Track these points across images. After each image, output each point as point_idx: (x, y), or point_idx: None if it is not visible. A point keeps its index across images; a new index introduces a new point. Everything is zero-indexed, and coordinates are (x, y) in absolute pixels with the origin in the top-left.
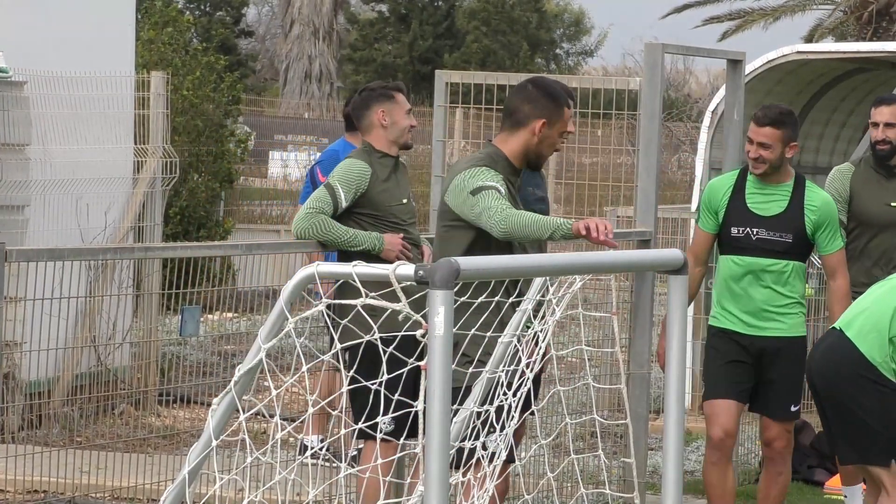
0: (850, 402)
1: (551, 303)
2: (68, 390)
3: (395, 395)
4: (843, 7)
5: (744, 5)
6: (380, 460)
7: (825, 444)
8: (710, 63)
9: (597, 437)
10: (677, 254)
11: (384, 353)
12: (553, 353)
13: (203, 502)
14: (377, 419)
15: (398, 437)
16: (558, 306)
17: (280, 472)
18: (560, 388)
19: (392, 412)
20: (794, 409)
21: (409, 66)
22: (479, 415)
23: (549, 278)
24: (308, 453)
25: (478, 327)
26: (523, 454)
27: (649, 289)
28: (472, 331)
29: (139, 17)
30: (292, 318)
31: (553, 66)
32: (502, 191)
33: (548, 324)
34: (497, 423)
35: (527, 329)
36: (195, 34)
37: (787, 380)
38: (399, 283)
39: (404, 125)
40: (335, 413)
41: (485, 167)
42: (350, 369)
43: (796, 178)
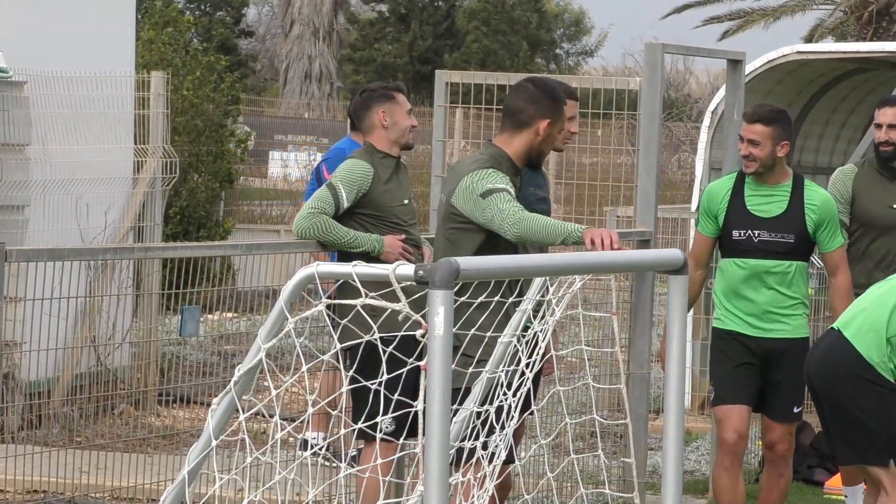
0: (848, 403)
1: (551, 303)
2: (68, 390)
3: (397, 396)
4: (844, 7)
5: (744, 5)
6: (379, 460)
7: (825, 444)
8: (710, 63)
9: (597, 437)
10: (677, 254)
11: (384, 353)
12: (553, 353)
13: (203, 502)
14: (378, 419)
15: (399, 438)
16: (558, 306)
17: (280, 472)
18: (560, 388)
19: (393, 412)
20: (796, 410)
21: (409, 66)
22: (479, 415)
23: (548, 278)
24: (309, 452)
25: (480, 327)
26: (523, 454)
27: (649, 289)
28: (472, 330)
29: (139, 17)
30: (292, 318)
31: (553, 66)
32: (512, 192)
33: (548, 324)
34: (497, 424)
35: (526, 329)
36: (195, 34)
37: (791, 381)
38: (399, 284)
39: (405, 125)
40: (335, 413)
41: (491, 168)
42: (352, 370)
43: (794, 178)
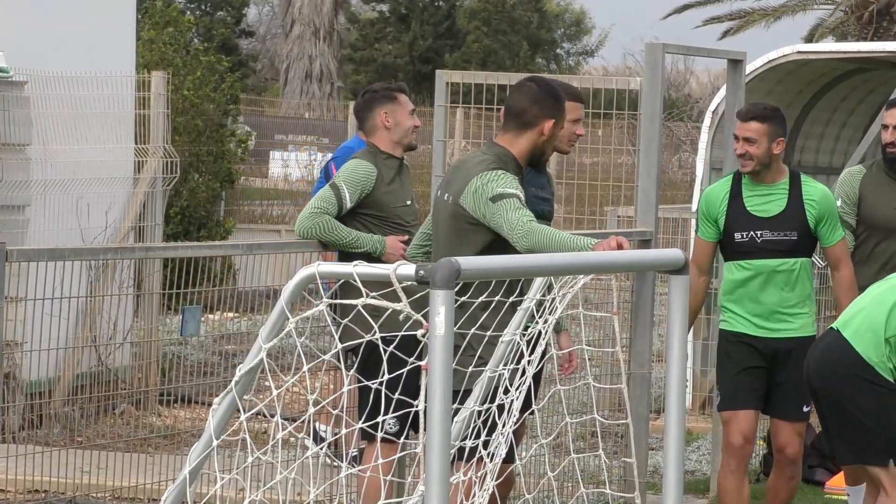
0: (848, 403)
1: (552, 302)
2: (69, 390)
3: (400, 396)
4: (844, 7)
5: (744, 5)
6: (380, 460)
7: (825, 444)
8: (710, 63)
9: (597, 437)
10: (678, 254)
11: (386, 352)
12: (553, 353)
13: (204, 502)
14: (381, 419)
15: (402, 438)
16: (559, 305)
17: (281, 472)
18: (560, 388)
19: (397, 412)
20: (805, 409)
21: (409, 66)
22: (480, 414)
23: (550, 278)
24: (312, 449)
25: (486, 327)
26: (524, 454)
27: (650, 289)
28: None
29: (139, 17)
30: (293, 317)
31: (553, 66)
32: (522, 198)
33: (549, 323)
34: (498, 422)
35: (526, 329)
36: (196, 34)
37: (799, 380)
38: (400, 283)
39: (408, 126)
40: (335, 412)
41: (500, 170)
42: (355, 370)
43: (791, 175)
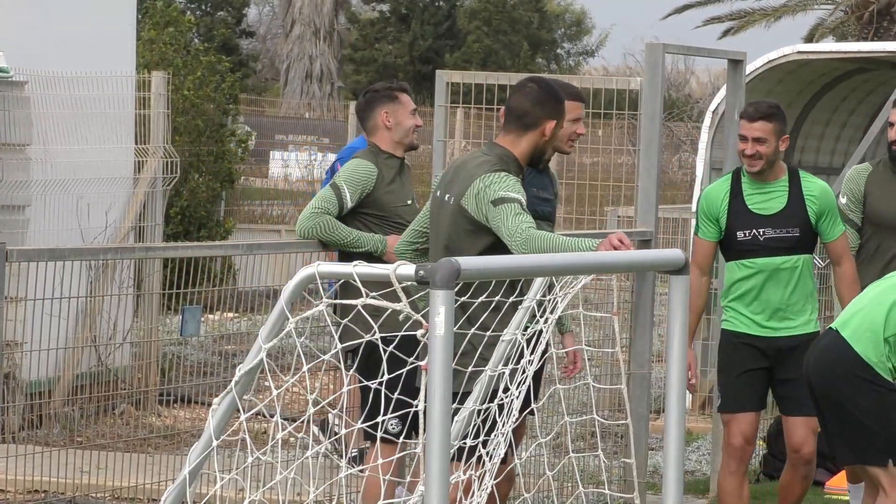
0: (847, 403)
1: (553, 302)
2: (69, 390)
3: (403, 396)
4: (844, 7)
5: (744, 5)
6: (380, 460)
7: (825, 445)
8: (710, 63)
9: (597, 437)
10: (678, 254)
11: (384, 352)
12: (553, 352)
13: (204, 502)
14: (384, 419)
15: (404, 439)
16: (560, 304)
17: (281, 472)
18: (559, 388)
19: (400, 413)
20: None
21: (409, 66)
22: (480, 413)
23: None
24: (321, 443)
25: (483, 325)
26: (523, 454)
27: (650, 289)
28: (473, 329)
29: (140, 17)
30: (293, 318)
31: (554, 66)
32: (524, 202)
33: (549, 322)
34: (498, 420)
35: (526, 329)
36: (196, 34)
37: None
38: (399, 283)
39: (409, 126)
40: (335, 412)
41: (503, 172)
42: (357, 371)
43: (790, 172)
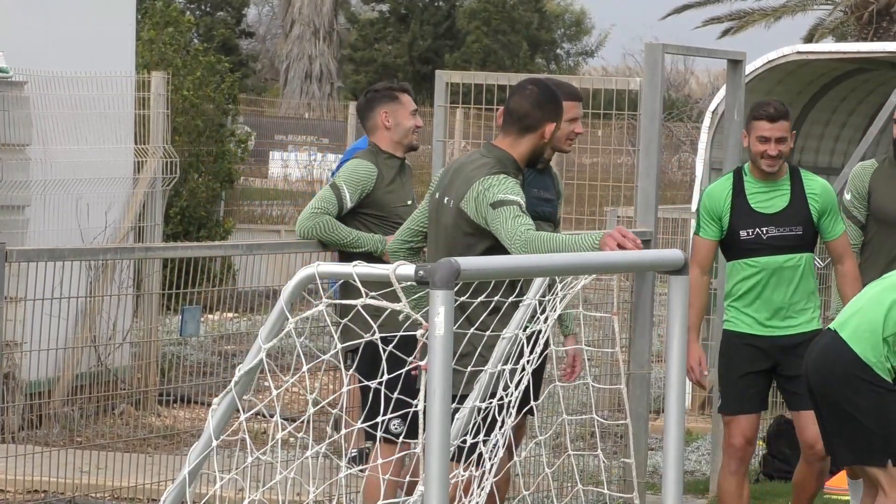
0: (846, 404)
1: (552, 301)
2: (68, 390)
3: (405, 397)
4: (844, 7)
5: (744, 6)
6: (380, 460)
7: (824, 444)
8: (710, 63)
9: (597, 437)
10: (677, 254)
11: (384, 352)
12: (553, 349)
13: (203, 502)
14: (386, 420)
15: (406, 439)
16: (559, 304)
17: (280, 472)
18: (559, 385)
19: (401, 413)
20: None
21: (409, 67)
22: (480, 411)
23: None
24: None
25: (483, 324)
26: (523, 454)
27: (649, 289)
28: (472, 329)
29: (139, 17)
30: (292, 318)
31: (553, 66)
32: (523, 204)
33: (548, 322)
34: (498, 419)
35: (525, 329)
36: (196, 34)
37: None
38: (399, 284)
39: (408, 126)
40: (335, 411)
41: (503, 175)
42: (359, 371)
43: (791, 170)
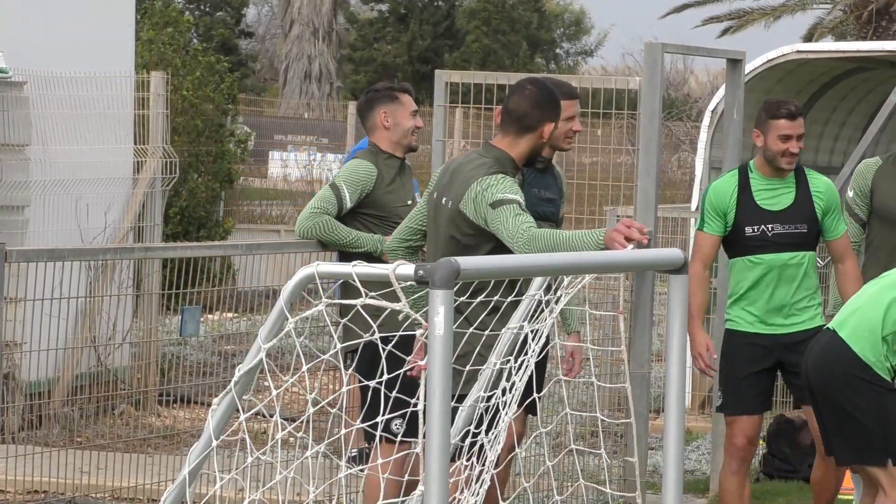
0: (846, 403)
1: (553, 299)
2: (68, 390)
3: (406, 396)
4: (843, 6)
5: (743, 5)
6: (380, 460)
7: (824, 444)
8: (709, 62)
9: (597, 437)
10: (677, 253)
11: (385, 352)
12: (556, 342)
13: (203, 502)
14: (384, 419)
15: (409, 437)
16: (557, 305)
17: (280, 472)
18: (563, 378)
19: (401, 413)
20: None
21: (408, 66)
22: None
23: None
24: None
25: (487, 326)
26: (522, 454)
27: (649, 288)
28: (471, 328)
29: (139, 17)
30: (292, 318)
31: (553, 65)
32: (522, 202)
33: (546, 321)
34: (500, 414)
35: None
36: (195, 34)
37: None
38: (399, 283)
39: (408, 126)
40: (334, 411)
41: (500, 174)
42: (360, 371)
43: (796, 169)
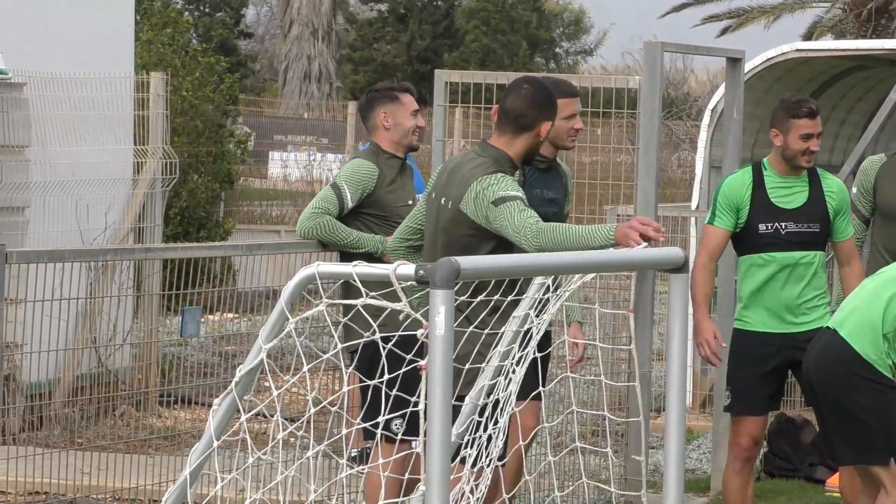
0: (847, 402)
1: (552, 300)
2: (69, 392)
3: (408, 396)
4: (842, 4)
5: (743, 3)
6: (381, 460)
7: (825, 444)
8: (709, 61)
9: (597, 436)
10: (678, 252)
11: (385, 351)
12: (558, 341)
13: (205, 503)
14: (385, 419)
15: (409, 436)
16: (555, 305)
17: (281, 472)
18: (566, 375)
19: (402, 413)
20: None
21: (408, 66)
22: (480, 407)
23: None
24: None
25: (482, 322)
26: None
27: (649, 288)
28: (471, 328)
29: (138, 17)
30: (293, 318)
31: (552, 65)
32: (524, 199)
33: (544, 321)
34: (499, 413)
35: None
36: (195, 35)
37: None
38: (399, 283)
39: (408, 126)
40: (334, 409)
41: (500, 173)
42: (361, 371)
43: (808, 168)
